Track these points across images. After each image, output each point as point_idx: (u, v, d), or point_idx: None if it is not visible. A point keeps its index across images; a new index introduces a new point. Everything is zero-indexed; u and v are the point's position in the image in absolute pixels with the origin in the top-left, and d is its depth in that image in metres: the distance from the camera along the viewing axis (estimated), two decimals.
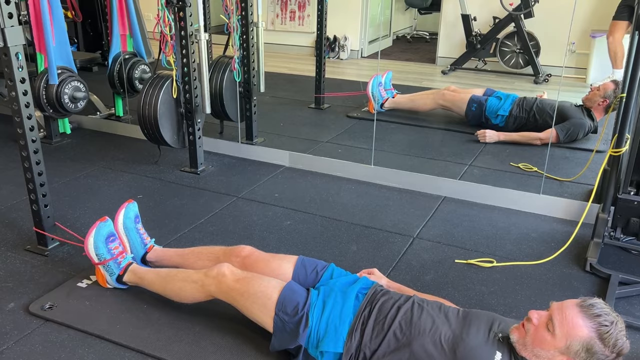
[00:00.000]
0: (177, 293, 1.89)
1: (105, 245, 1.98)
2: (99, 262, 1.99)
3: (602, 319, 1.39)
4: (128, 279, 2.00)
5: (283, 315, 1.67)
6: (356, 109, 4.31)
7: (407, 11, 7.69)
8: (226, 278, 1.76)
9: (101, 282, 2.05)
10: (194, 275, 1.85)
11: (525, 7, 5.08)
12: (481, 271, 2.28)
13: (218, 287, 1.77)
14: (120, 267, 2.00)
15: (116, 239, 2.03)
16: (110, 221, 2.03)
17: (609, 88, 3.55)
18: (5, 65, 2.05)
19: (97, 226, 1.98)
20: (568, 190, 2.98)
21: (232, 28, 3.26)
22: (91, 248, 1.97)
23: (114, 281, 2.01)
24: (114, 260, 1.99)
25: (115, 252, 2.00)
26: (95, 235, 1.97)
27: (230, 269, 1.79)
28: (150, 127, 3.11)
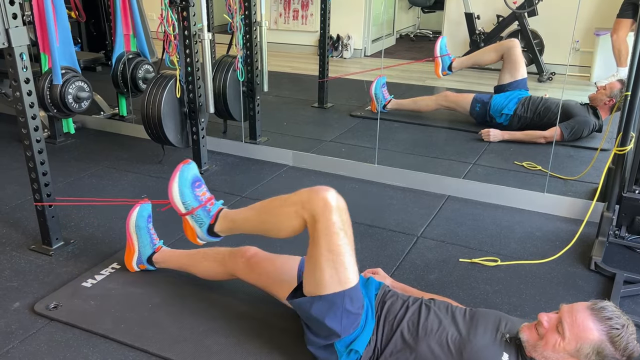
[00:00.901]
0: (274, 224, 1.65)
1: (191, 191, 1.71)
2: (186, 211, 1.72)
3: (613, 322, 1.38)
4: (221, 227, 1.73)
5: (348, 303, 1.55)
6: (359, 108, 4.31)
7: (410, 10, 7.68)
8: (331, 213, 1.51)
9: (190, 237, 1.76)
10: (290, 198, 1.59)
11: (529, 5, 5.07)
12: (485, 270, 2.28)
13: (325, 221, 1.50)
14: (210, 215, 1.74)
15: (202, 183, 1.76)
16: (194, 164, 1.76)
17: (616, 87, 3.54)
18: (9, 65, 2.05)
19: (180, 169, 1.71)
20: (572, 188, 2.97)
21: (236, 27, 3.26)
22: (176, 195, 1.70)
23: (205, 233, 1.75)
24: (202, 207, 1.72)
25: (204, 199, 1.73)
26: (179, 180, 1.70)
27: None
28: (154, 127, 3.11)
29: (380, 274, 1.98)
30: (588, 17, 5.20)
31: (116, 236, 2.46)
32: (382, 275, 1.98)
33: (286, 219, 1.58)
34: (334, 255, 1.51)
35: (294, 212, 1.55)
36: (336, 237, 1.51)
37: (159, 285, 2.10)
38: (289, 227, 1.58)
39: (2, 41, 1.98)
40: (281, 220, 1.60)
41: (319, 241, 1.51)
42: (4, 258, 2.29)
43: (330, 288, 1.53)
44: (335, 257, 1.51)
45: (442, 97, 4.03)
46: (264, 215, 1.66)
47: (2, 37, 1.97)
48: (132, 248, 2.12)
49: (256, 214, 1.68)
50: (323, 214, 1.50)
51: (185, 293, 2.06)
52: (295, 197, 1.57)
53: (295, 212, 1.54)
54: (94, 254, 2.32)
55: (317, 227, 1.51)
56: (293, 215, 1.55)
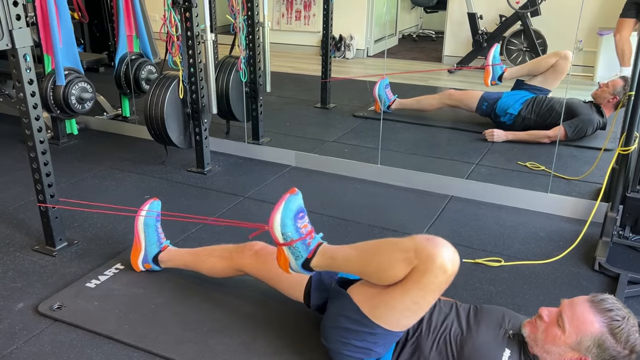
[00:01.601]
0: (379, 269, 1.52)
1: (294, 222, 1.61)
2: (284, 242, 1.62)
3: (613, 314, 1.38)
4: (318, 263, 1.62)
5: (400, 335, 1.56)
6: (362, 108, 4.31)
7: (412, 10, 7.67)
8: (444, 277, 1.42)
9: (283, 266, 1.67)
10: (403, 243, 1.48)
11: (532, 5, 5.06)
12: (489, 270, 2.27)
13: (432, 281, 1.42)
14: (309, 250, 1.63)
15: (305, 215, 1.66)
16: (300, 194, 1.66)
17: (618, 84, 3.54)
18: (13, 66, 2.05)
19: (286, 199, 1.62)
20: (576, 189, 2.96)
21: (238, 28, 3.26)
22: (277, 226, 1.60)
23: (299, 266, 1.64)
24: (302, 240, 1.62)
25: (304, 232, 1.63)
26: (283, 210, 1.61)
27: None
28: (157, 128, 3.12)
29: None
30: (591, 16, 5.19)
31: (120, 237, 2.46)
32: None
33: (393, 265, 1.45)
34: (415, 307, 1.46)
35: (404, 259, 1.42)
36: (431, 295, 1.44)
37: (163, 285, 2.11)
38: (393, 274, 1.46)
39: (5, 42, 1.98)
40: (387, 265, 1.47)
41: (412, 290, 1.43)
42: (7, 259, 2.30)
43: (386, 324, 1.50)
44: (415, 309, 1.47)
45: (446, 96, 4.02)
46: (369, 258, 1.54)
47: (6, 39, 1.98)
48: (139, 246, 2.12)
49: (359, 254, 1.57)
50: (435, 272, 1.38)
51: (189, 293, 2.06)
52: (409, 243, 1.44)
53: (405, 259, 1.42)
54: (98, 255, 2.32)
55: (420, 279, 1.40)
56: (401, 261, 1.43)
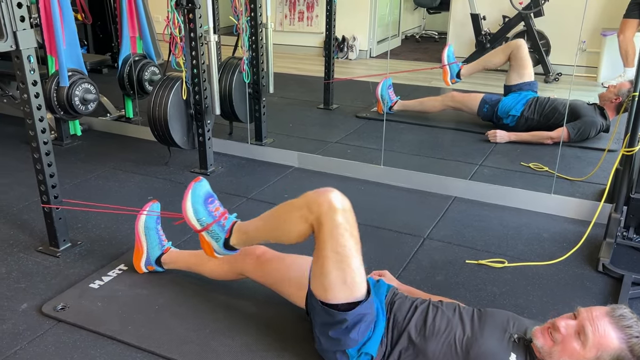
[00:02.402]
0: (283, 231, 1.62)
1: (204, 207, 1.74)
2: (201, 228, 1.73)
3: (633, 331, 1.38)
4: (236, 240, 1.72)
5: (368, 316, 1.56)
6: (365, 109, 4.31)
7: (415, 11, 7.67)
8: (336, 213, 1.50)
9: (208, 252, 1.77)
10: (297, 202, 1.58)
11: (535, 5, 5.06)
12: (492, 272, 2.27)
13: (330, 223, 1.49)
14: (225, 230, 1.73)
15: (215, 199, 1.78)
16: (205, 180, 1.79)
17: (624, 87, 3.53)
18: (17, 68, 2.06)
19: (192, 187, 1.74)
20: (580, 190, 2.95)
21: (242, 29, 3.27)
22: (190, 213, 1.72)
23: (222, 247, 1.74)
24: (217, 222, 1.73)
25: (217, 214, 1.74)
26: (192, 197, 1.73)
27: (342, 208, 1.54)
28: (160, 129, 3.12)
29: (387, 277, 1.97)
30: (595, 17, 5.18)
31: (123, 238, 2.46)
32: (388, 277, 1.97)
33: (294, 224, 1.56)
34: (340, 257, 1.50)
35: (300, 216, 1.53)
36: (342, 238, 1.49)
37: (166, 286, 2.11)
38: (296, 232, 1.57)
39: (10, 44, 1.99)
40: (289, 225, 1.59)
41: (324, 243, 1.50)
42: (11, 259, 2.31)
43: (338, 292, 1.52)
44: (342, 258, 1.50)
45: (449, 98, 4.03)
46: (272, 223, 1.66)
47: (10, 40, 1.98)
48: (141, 249, 2.13)
49: (265, 223, 1.68)
50: (328, 216, 1.49)
51: (192, 294, 2.06)
52: (300, 201, 1.56)
53: (301, 216, 1.53)
54: (101, 256, 2.32)
55: (322, 230, 1.50)
56: (300, 219, 1.54)
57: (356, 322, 1.54)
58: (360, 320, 1.54)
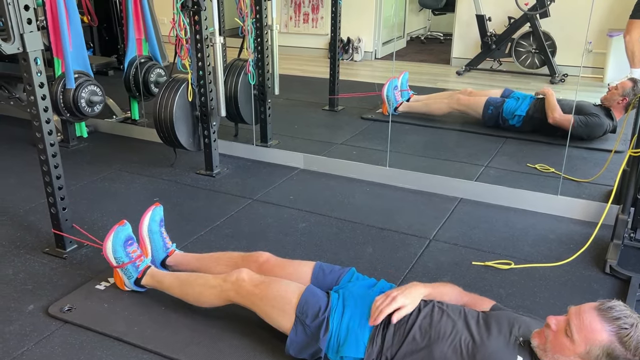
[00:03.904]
0: (195, 298, 1.90)
1: (123, 248, 2.00)
2: (117, 265, 2.01)
3: (621, 322, 1.36)
4: (146, 282, 2.01)
5: (304, 319, 1.66)
6: (370, 110, 4.30)
7: (420, 12, 7.66)
8: (245, 283, 1.77)
9: (119, 284, 2.07)
10: (213, 281, 1.85)
11: (541, 6, 5.04)
12: (499, 273, 2.26)
13: (237, 292, 1.78)
14: (138, 271, 2.01)
15: (134, 242, 2.05)
16: (128, 225, 2.05)
17: (627, 86, 3.51)
18: (24, 70, 2.07)
19: (115, 230, 2.00)
20: (586, 191, 2.94)
21: (247, 31, 3.27)
22: (109, 251, 2.00)
23: (132, 284, 2.03)
24: (132, 263, 2.01)
25: (134, 256, 2.01)
26: (113, 239, 2.00)
27: (249, 274, 1.80)
28: (166, 130, 3.13)
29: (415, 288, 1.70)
30: (601, 18, 5.16)
31: None
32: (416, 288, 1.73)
33: (206, 299, 1.87)
34: (267, 300, 1.73)
35: (215, 293, 1.84)
36: (255, 297, 1.75)
37: None
38: (209, 303, 1.88)
39: (17, 46, 2.00)
40: (202, 299, 1.89)
41: (251, 306, 1.78)
42: (18, 261, 2.31)
43: (287, 322, 1.69)
44: (267, 300, 1.73)
45: (455, 100, 4.02)
46: (188, 289, 1.92)
47: (17, 42, 1.99)
48: (146, 252, 2.13)
49: (180, 286, 1.94)
50: (239, 293, 1.78)
51: None
52: (214, 281, 1.85)
53: (215, 294, 1.84)
54: None
55: (241, 300, 1.79)
56: (214, 296, 1.84)
57: (303, 320, 1.67)
58: (304, 314, 1.67)
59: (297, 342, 1.68)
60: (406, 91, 4.22)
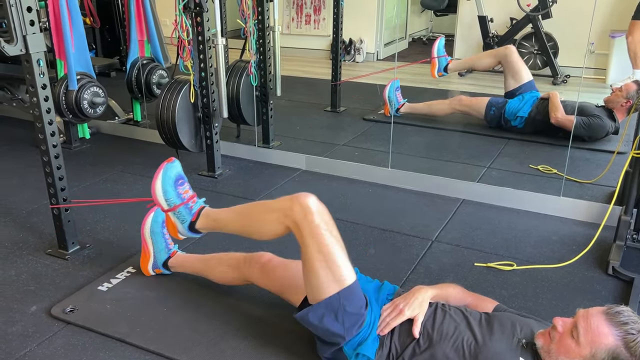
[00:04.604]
0: (256, 227, 1.71)
1: (174, 188, 1.78)
2: (168, 208, 1.79)
3: (628, 327, 1.36)
4: (202, 224, 1.81)
5: (344, 302, 1.56)
6: (372, 111, 4.30)
7: (422, 13, 7.66)
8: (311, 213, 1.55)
9: (172, 232, 1.86)
10: (275, 204, 1.63)
11: (543, 7, 5.03)
12: (501, 274, 2.26)
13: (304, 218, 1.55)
14: (192, 213, 1.80)
15: (185, 181, 1.83)
16: (177, 162, 1.82)
17: (632, 89, 3.51)
18: (27, 71, 2.08)
19: (163, 168, 1.78)
20: (589, 192, 2.94)
21: (249, 32, 3.28)
22: (159, 193, 1.77)
23: (187, 229, 1.82)
24: (184, 205, 1.79)
25: (186, 197, 1.80)
26: (162, 178, 1.77)
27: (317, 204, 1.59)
28: (169, 132, 3.13)
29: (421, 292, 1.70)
30: (603, 19, 5.15)
31: (131, 240, 2.47)
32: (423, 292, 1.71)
33: (268, 225, 1.64)
34: (324, 256, 1.55)
35: (276, 219, 1.61)
36: (322, 237, 1.55)
37: (174, 289, 2.11)
38: (269, 233, 1.66)
39: (20, 48, 2.00)
40: (263, 226, 1.67)
41: (307, 246, 1.56)
42: (21, 262, 2.32)
43: (329, 289, 1.56)
44: (326, 256, 1.55)
45: (457, 101, 4.02)
46: (246, 220, 1.74)
47: (20, 44, 2.00)
48: (148, 253, 2.13)
49: (239, 217, 1.75)
50: (305, 219, 1.55)
51: (200, 297, 2.06)
52: (276, 205, 1.63)
53: (277, 219, 1.60)
54: (110, 258, 2.33)
55: (302, 233, 1.56)
56: (275, 222, 1.61)
57: (343, 305, 1.55)
58: (348, 301, 1.55)
59: (327, 319, 1.57)
60: (444, 57, 4.15)
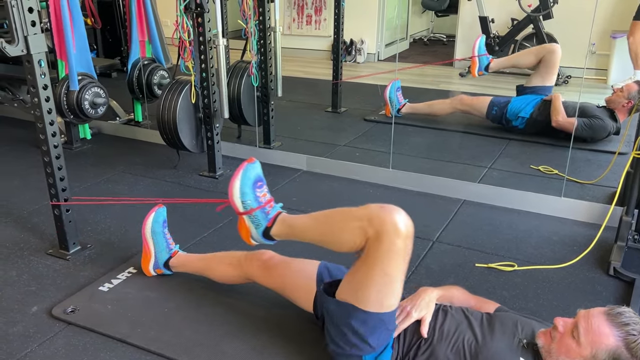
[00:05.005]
0: (335, 237, 1.57)
1: (252, 190, 1.65)
2: (244, 211, 1.65)
3: (630, 328, 1.36)
4: (277, 231, 1.66)
5: (390, 323, 1.55)
6: (373, 112, 4.30)
7: (423, 14, 7.67)
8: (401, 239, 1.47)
9: (244, 236, 1.71)
10: (356, 212, 1.52)
11: (544, 8, 5.03)
12: (502, 275, 2.26)
13: (391, 245, 1.45)
14: (268, 218, 1.66)
15: (264, 184, 1.69)
16: (258, 163, 1.69)
17: (633, 89, 3.51)
18: (28, 72, 2.08)
19: (244, 168, 1.64)
20: (590, 192, 2.93)
21: (250, 33, 3.28)
22: (236, 194, 1.64)
23: (261, 235, 1.68)
24: (261, 209, 1.66)
25: (264, 200, 1.66)
26: (242, 178, 1.64)
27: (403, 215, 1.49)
28: (170, 132, 3.14)
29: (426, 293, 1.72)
30: (604, 19, 5.15)
31: (132, 241, 2.47)
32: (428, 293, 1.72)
33: (348, 234, 1.49)
34: (388, 279, 1.47)
35: (359, 227, 1.46)
36: (396, 262, 1.46)
37: (175, 289, 2.11)
38: (349, 242, 1.49)
39: (21, 48, 2.01)
40: (343, 234, 1.51)
41: (377, 260, 1.45)
42: (22, 262, 2.32)
43: (370, 306, 1.49)
44: (389, 280, 1.47)
45: (458, 101, 4.02)
46: (325, 227, 1.58)
47: (21, 44, 2.00)
48: (149, 253, 2.13)
49: (317, 224, 1.61)
50: (389, 236, 1.43)
51: (201, 297, 2.06)
52: (362, 212, 1.48)
53: (359, 227, 1.45)
54: (111, 259, 2.33)
55: (379, 247, 1.44)
56: (357, 230, 1.46)
57: (378, 325, 1.52)
58: (381, 325, 1.53)
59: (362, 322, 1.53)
60: (485, 55, 4.09)
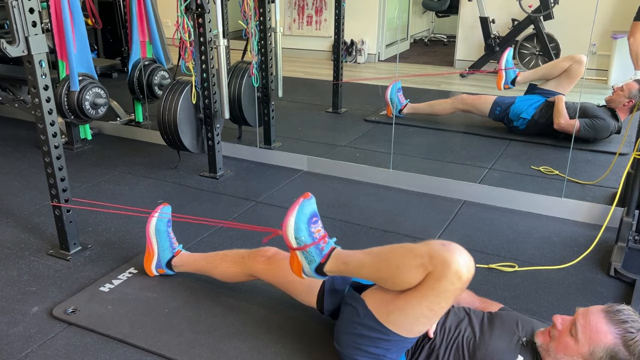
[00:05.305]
0: (393, 275, 1.50)
1: (307, 226, 1.60)
2: (298, 247, 1.60)
3: (628, 326, 1.36)
4: (331, 267, 1.61)
5: (407, 343, 1.55)
6: (374, 112, 4.30)
7: (424, 14, 7.67)
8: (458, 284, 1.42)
9: (296, 271, 1.67)
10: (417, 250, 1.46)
11: (545, 8, 5.03)
12: (503, 276, 2.25)
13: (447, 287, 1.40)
14: (322, 254, 1.61)
15: (319, 220, 1.65)
16: (313, 199, 1.65)
17: (634, 88, 3.51)
18: (29, 72, 2.08)
19: (300, 204, 1.60)
20: (591, 193, 2.93)
21: (251, 33, 3.28)
22: (291, 230, 1.59)
23: (313, 271, 1.63)
24: (315, 245, 1.61)
25: (318, 236, 1.62)
26: (297, 214, 1.59)
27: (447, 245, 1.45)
28: (170, 133, 3.14)
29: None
30: (605, 20, 5.15)
31: (133, 241, 2.47)
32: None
33: (408, 272, 1.43)
34: (430, 314, 1.45)
35: (419, 264, 1.40)
36: (443, 303, 1.43)
37: (176, 289, 2.11)
38: (408, 279, 1.44)
39: (22, 49, 2.01)
40: (402, 272, 1.45)
41: (427, 296, 1.42)
42: (22, 263, 2.32)
43: (400, 330, 1.49)
44: (430, 315, 1.46)
45: (459, 100, 4.01)
46: (383, 264, 1.52)
47: (22, 45, 2.00)
48: (152, 252, 2.14)
49: (373, 260, 1.55)
50: (450, 279, 1.38)
51: (202, 297, 2.06)
52: (423, 249, 1.42)
53: (420, 265, 1.40)
54: (111, 259, 2.33)
55: (435, 285, 1.39)
56: (416, 267, 1.41)
57: (401, 344, 1.53)
58: (404, 344, 1.53)
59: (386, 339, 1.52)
60: (512, 69, 4.00)
